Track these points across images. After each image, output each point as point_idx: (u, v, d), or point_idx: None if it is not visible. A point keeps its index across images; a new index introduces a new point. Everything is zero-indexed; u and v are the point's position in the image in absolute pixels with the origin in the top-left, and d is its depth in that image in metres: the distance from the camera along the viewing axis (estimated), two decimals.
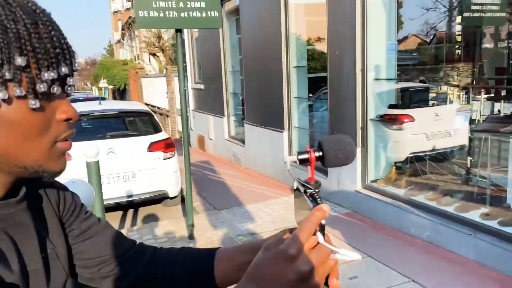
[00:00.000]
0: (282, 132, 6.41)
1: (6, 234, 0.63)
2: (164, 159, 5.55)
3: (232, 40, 8.61)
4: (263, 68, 6.89)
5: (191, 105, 10.92)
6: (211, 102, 9.60)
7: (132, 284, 0.83)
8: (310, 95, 7.70)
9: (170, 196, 5.70)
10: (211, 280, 0.80)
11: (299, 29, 6.35)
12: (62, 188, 0.80)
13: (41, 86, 0.58)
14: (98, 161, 2.98)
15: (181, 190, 5.86)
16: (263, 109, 7.07)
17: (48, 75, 0.58)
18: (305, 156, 0.80)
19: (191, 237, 4.34)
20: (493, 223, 3.59)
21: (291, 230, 0.72)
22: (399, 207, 4.32)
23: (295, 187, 0.78)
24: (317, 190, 0.74)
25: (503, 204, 3.93)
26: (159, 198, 5.76)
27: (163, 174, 5.52)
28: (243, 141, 7.99)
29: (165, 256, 0.86)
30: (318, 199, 0.68)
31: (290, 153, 6.41)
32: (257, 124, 7.22)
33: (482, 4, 5.09)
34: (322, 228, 0.57)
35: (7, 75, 0.55)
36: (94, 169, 2.93)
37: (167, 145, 5.63)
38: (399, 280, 3.29)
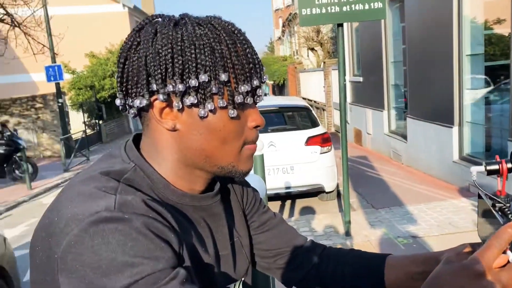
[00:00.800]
0: (451, 127, 5.81)
1: (205, 222, 0.73)
2: (321, 153, 5.60)
3: (394, 29, 8.14)
4: (430, 57, 6.34)
5: (348, 98, 10.75)
6: (370, 94, 9.29)
7: (302, 278, 0.89)
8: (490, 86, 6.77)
9: (326, 190, 5.73)
10: (381, 285, 0.82)
11: (475, 11, 5.62)
12: (245, 183, 0.90)
13: (238, 98, 0.66)
14: (262, 155, 3.17)
15: (337, 185, 5.84)
16: (429, 102, 6.51)
17: (244, 88, 0.66)
18: (495, 167, 0.74)
19: (347, 234, 4.29)
20: None
21: (472, 245, 0.69)
22: None
23: (478, 198, 0.74)
24: (508, 205, 0.67)
25: None
26: (315, 192, 5.85)
27: (319, 168, 5.57)
28: (404, 136, 7.51)
29: (334, 256, 0.89)
30: (510, 215, 0.64)
31: (461, 152, 5.76)
32: (422, 118, 6.70)
33: None
34: None
35: (214, 90, 0.64)
36: (259, 162, 3.12)
37: (324, 140, 5.66)
38: None
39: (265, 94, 20.08)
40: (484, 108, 5.83)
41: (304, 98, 17.73)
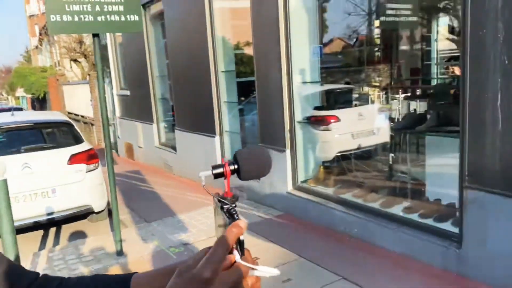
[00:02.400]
0: (213, 137, 6.32)
1: None
2: (88, 171, 5.21)
3: (158, 44, 8.37)
4: (191, 73, 6.76)
5: (118, 112, 10.45)
6: (139, 108, 9.25)
7: None
8: (242, 98, 7.71)
9: (96, 210, 5.36)
10: None
11: (226, 33, 6.31)
12: None
13: None
14: (5, 180, 2.68)
15: (108, 204, 5.54)
16: (193, 115, 6.93)
17: None
18: (220, 170, 0.75)
19: (120, 253, 4.09)
20: (415, 216, 3.78)
21: (210, 249, 0.68)
22: (329, 206, 4.42)
23: (214, 203, 0.75)
24: (233, 205, 0.71)
25: (423, 198, 4.17)
26: (84, 214, 5.40)
27: (86, 187, 5.17)
28: (174, 148, 7.78)
29: (73, 287, 0.78)
30: (235, 215, 0.66)
31: (223, 157, 6.34)
32: (189, 130, 7.07)
33: (396, 9, 5.40)
34: (241, 244, 0.56)
35: None
36: (1, 190, 2.62)
37: (90, 156, 5.29)
38: (331, 279, 3.34)
39: (20, 109, 17.54)
40: (239, 118, 6.59)
41: (70, 113, 16.31)
